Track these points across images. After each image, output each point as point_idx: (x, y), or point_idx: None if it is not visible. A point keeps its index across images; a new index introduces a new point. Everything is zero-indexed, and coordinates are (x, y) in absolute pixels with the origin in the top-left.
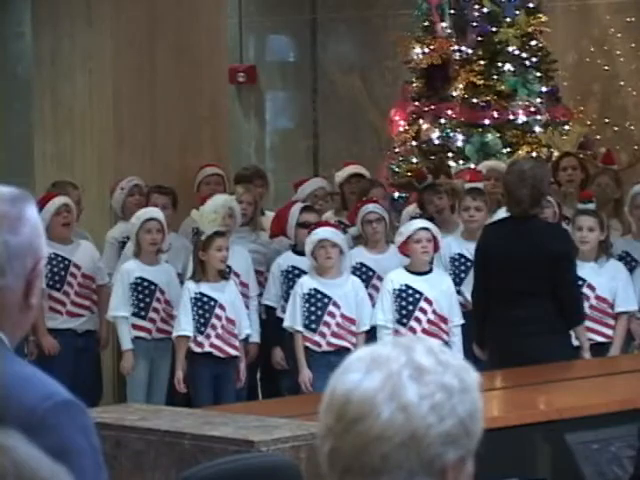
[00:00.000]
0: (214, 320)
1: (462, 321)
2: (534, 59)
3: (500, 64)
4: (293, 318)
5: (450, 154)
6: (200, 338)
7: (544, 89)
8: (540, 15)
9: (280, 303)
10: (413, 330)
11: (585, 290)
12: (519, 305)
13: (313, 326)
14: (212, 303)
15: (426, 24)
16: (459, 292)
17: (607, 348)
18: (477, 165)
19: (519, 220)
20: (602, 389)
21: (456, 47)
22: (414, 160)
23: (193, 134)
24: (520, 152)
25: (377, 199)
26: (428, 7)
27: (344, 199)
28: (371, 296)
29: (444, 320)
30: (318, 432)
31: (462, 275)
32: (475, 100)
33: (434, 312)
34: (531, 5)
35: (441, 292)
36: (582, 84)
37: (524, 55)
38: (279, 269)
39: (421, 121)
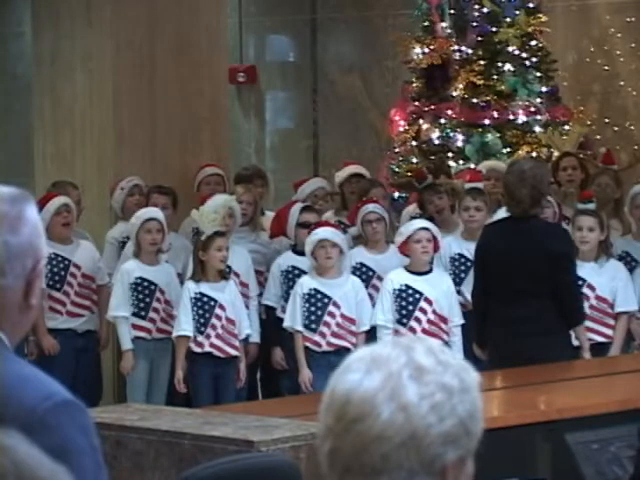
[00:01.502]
0: (214, 320)
1: (462, 321)
2: (534, 59)
3: (500, 64)
4: (293, 318)
5: (450, 154)
6: (200, 338)
7: (544, 89)
8: (540, 15)
9: (280, 303)
10: (413, 330)
11: (585, 290)
12: (519, 305)
13: (313, 326)
14: (212, 303)
15: (426, 24)
16: (459, 292)
17: (607, 348)
18: (477, 165)
19: (519, 220)
20: (602, 389)
21: (456, 47)
22: (414, 160)
23: (193, 134)
24: (520, 152)
25: (377, 199)
26: (428, 7)
27: (344, 199)
28: (371, 296)
29: (444, 320)
30: (318, 432)
31: (462, 275)
32: (475, 100)
33: (434, 312)
34: (531, 5)
35: (441, 292)
36: (582, 84)
37: (524, 55)
38: (279, 269)
39: (421, 121)
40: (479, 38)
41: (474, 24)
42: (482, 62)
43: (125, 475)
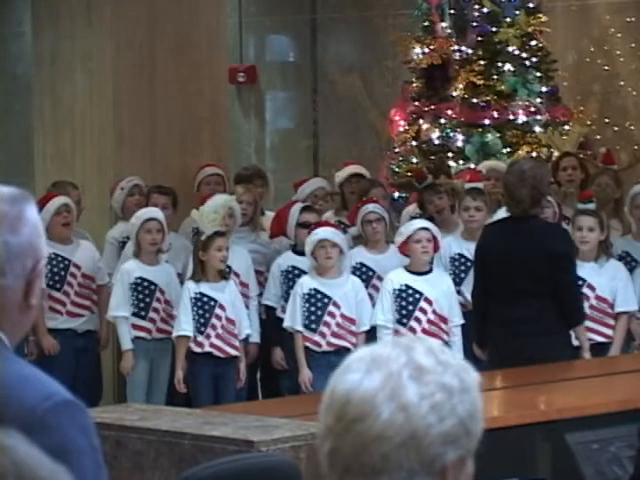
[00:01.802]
0: (214, 320)
1: (462, 321)
2: (534, 59)
3: (500, 64)
4: (293, 318)
5: (450, 154)
6: (200, 338)
7: (544, 89)
8: (540, 15)
9: (280, 303)
10: (413, 330)
11: (585, 290)
12: (519, 305)
13: (313, 326)
14: (212, 303)
15: (426, 24)
16: (459, 292)
17: (607, 348)
18: (477, 165)
19: (519, 220)
20: (602, 389)
21: (456, 47)
22: (414, 160)
23: (193, 134)
24: (520, 152)
25: (377, 199)
26: (428, 7)
27: (344, 199)
28: (371, 296)
29: (444, 320)
30: (318, 432)
31: (462, 275)
32: (475, 100)
33: (434, 312)
34: (531, 5)
35: (441, 292)
36: (582, 84)
37: (524, 55)
38: (279, 269)
39: (421, 121)
40: (479, 38)
41: (474, 24)
42: (482, 62)
43: (125, 475)
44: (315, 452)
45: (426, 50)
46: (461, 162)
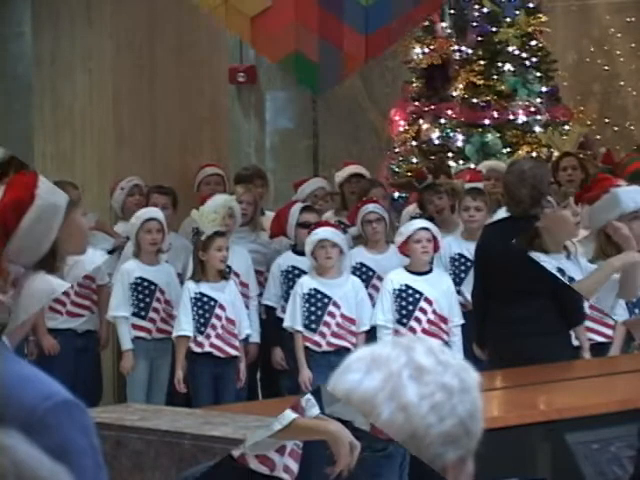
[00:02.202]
0: (214, 320)
1: (462, 321)
2: (534, 59)
3: (500, 64)
4: (293, 318)
5: (450, 154)
6: (200, 338)
7: (544, 89)
8: (540, 15)
9: (280, 303)
10: (413, 330)
11: None
12: (519, 305)
13: (313, 326)
14: (212, 303)
15: (426, 24)
16: (459, 292)
17: (607, 348)
18: (477, 165)
19: (519, 220)
20: (602, 389)
21: (456, 47)
22: (414, 160)
23: (193, 134)
24: (520, 152)
25: (377, 199)
26: None
27: (344, 199)
28: (371, 296)
29: (444, 320)
30: None
31: (462, 275)
32: (475, 100)
33: (434, 312)
34: (531, 5)
35: (441, 292)
36: (582, 84)
37: (524, 55)
38: (279, 269)
39: (421, 121)
40: (479, 38)
41: (474, 24)
42: (482, 62)
43: (125, 475)
44: None
45: (426, 50)
46: (461, 162)
